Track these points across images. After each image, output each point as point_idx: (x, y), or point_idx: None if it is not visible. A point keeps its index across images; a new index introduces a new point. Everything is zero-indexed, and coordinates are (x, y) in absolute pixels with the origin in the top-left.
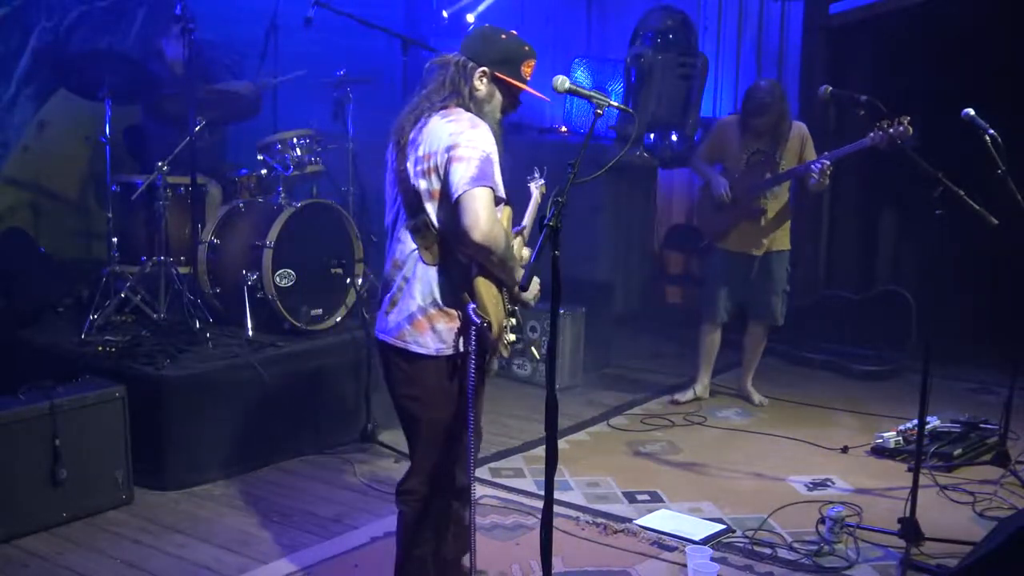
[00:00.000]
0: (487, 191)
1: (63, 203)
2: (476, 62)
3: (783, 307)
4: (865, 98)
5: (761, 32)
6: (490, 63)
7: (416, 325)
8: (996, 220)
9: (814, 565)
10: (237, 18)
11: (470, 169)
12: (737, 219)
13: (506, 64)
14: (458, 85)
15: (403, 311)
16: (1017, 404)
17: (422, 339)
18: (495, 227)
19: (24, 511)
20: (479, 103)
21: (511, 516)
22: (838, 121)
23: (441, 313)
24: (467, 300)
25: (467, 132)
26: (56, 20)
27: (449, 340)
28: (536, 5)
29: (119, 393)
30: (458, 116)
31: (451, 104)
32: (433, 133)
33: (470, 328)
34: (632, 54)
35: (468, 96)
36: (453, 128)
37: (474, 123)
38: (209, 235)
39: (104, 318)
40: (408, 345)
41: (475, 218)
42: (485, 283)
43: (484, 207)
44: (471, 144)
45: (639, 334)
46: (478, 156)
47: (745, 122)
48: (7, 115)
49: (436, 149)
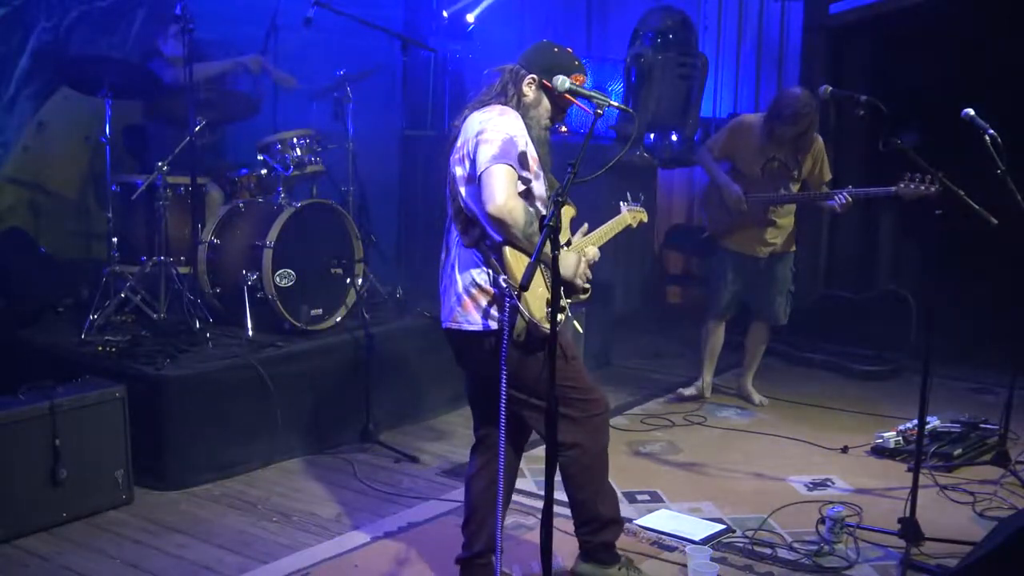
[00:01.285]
0: (506, 167)
1: (63, 203)
2: (527, 69)
3: (787, 307)
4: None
5: (761, 32)
6: (539, 71)
7: (464, 306)
8: (996, 220)
9: (814, 565)
10: (237, 18)
11: (492, 148)
12: (744, 222)
13: (554, 74)
14: (507, 88)
15: (452, 294)
16: (1017, 404)
17: (471, 317)
18: (510, 200)
19: (24, 511)
20: (525, 108)
21: (511, 516)
22: (838, 121)
23: (481, 292)
24: (498, 270)
25: (494, 119)
26: (56, 20)
27: (494, 314)
28: (536, 5)
29: (119, 393)
30: (490, 108)
31: (493, 103)
32: (468, 125)
33: (505, 301)
34: (632, 54)
35: (516, 100)
36: (483, 117)
37: (503, 112)
38: (209, 235)
39: (104, 318)
40: (460, 325)
41: (491, 192)
42: (513, 252)
43: (501, 182)
44: (496, 128)
45: (639, 334)
46: (501, 138)
47: (772, 128)
48: (7, 115)
49: (468, 137)
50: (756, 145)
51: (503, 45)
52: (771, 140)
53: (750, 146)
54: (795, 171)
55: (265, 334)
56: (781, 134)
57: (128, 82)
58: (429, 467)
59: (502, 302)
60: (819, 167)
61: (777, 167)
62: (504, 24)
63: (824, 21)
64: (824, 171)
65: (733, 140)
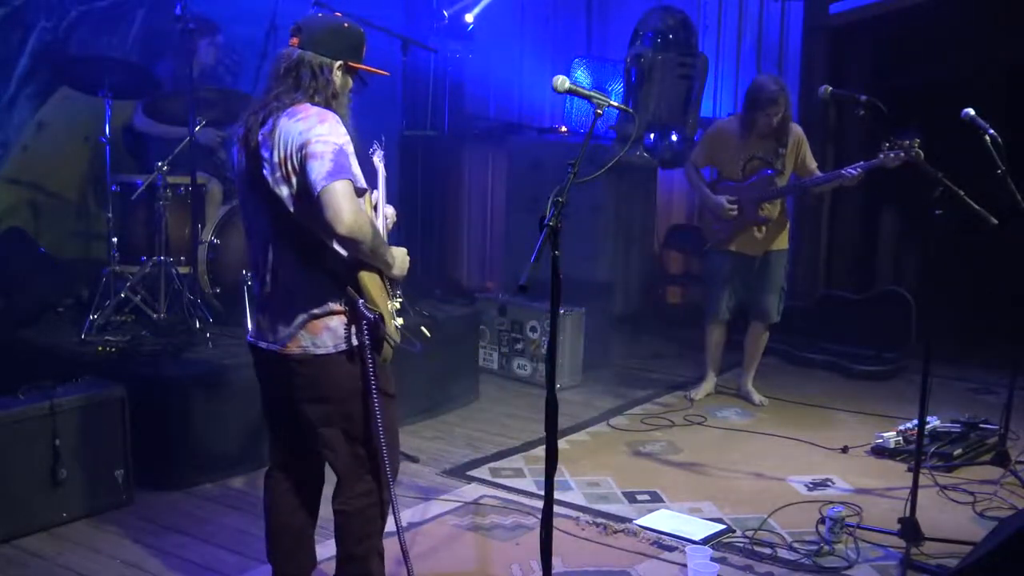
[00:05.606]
0: (345, 183)
1: (63, 203)
2: (328, 55)
3: (780, 305)
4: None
5: (761, 32)
6: (345, 54)
7: (310, 328)
8: (996, 220)
9: (814, 565)
10: (237, 18)
11: (325, 164)
12: (740, 226)
13: (358, 53)
14: (305, 82)
15: (292, 318)
16: (1017, 404)
17: (319, 339)
18: (359, 217)
19: (24, 511)
20: (338, 100)
21: (511, 516)
22: (838, 121)
23: (330, 312)
24: (354, 296)
25: (315, 128)
26: (56, 20)
27: (342, 334)
28: (536, 5)
29: (119, 393)
30: (302, 112)
31: (301, 104)
32: (282, 136)
33: (361, 322)
34: (632, 54)
35: (324, 95)
36: (301, 127)
37: (322, 117)
38: (209, 235)
39: (104, 318)
40: (307, 348)
41: (337, 212)
42: (368, 275)
43: (345, 200)
44: (321, 139)
45: (639, 334)
46: (331, 150)
47: (754, 120)
48: (7, 115)
49: (288, 153)
50: (734, 146)
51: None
52: (751, 135)
53: (728, 148)
54: (777, 164)
55: None
56: (764, 123)
57: (128, 82)
58: (428, 467)
59: (357, 320)
60: (803, 157)
61: (758, 164)
62: (504, 24)
63: (824, 21)
64: (808, 159)
65: (712, 146)
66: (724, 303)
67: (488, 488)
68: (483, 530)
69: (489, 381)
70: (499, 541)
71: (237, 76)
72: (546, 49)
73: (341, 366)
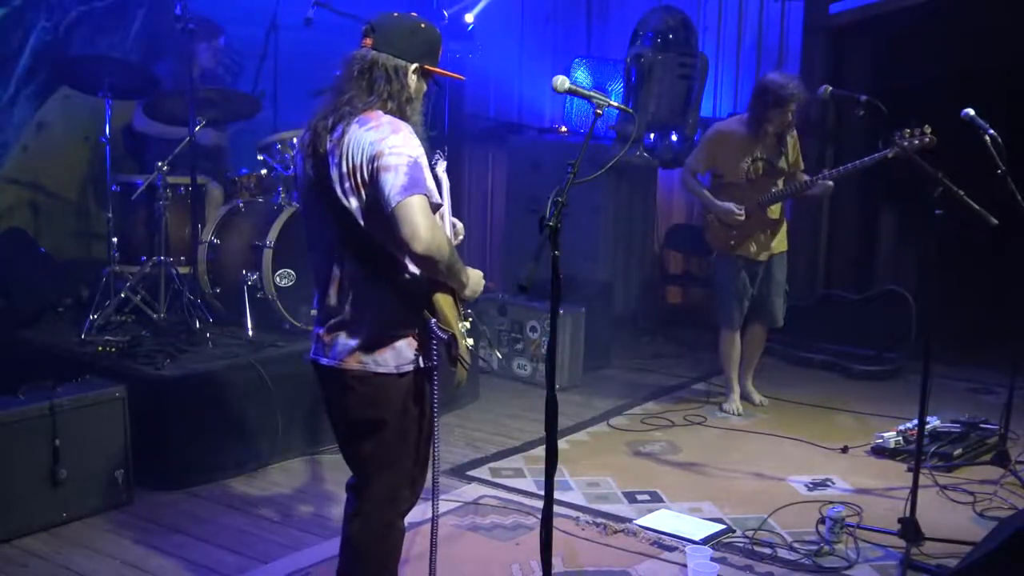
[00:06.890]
0: (420, 198)
1: (63, 203)
2: (404, 58)
3: (784, 307)
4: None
5: (761, 32)
6: (422, 57)
7: (374, 346)
8: (996, 220)
9: (814, 565)
10: (237, 18)
11: (399, 178)
12: (747, 230)
13: (436, 56)
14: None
15: (356, 334)
16: (1017, 404)
17: (381, 358)
18: (436, 234)
19: (24, 511)
20: (412, 107)
21: (511, 516)
22: (838, 121)
23: (399, 333)
24: (428, 316)
25: (388, 138)
26: (56, 20)
27: (409, 356)
28: (536, 5)
29: (119, 393)
30: (375, 120)
31: (373, 111)
32: (353, 145)
33: (431, 343)
34: (632, 54)
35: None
36: (373, 137)
37: (394, 127)
38: (209, 235)
39: (104, 318)
40: (366, 366)
41: (413, 228)
42: (443, 296)
43: (421, 216)
44: (395, 150)
45: (639, 334)
46: (405, 163)
47: (768, 118)
48: (7, 115)
49: (358, 163)
50: (738, 148)
51: (503, 45)
52: (758, 135)
53: (731, 151)
54: (781, 164)
55: (265, 334)
56: (780, 122)
57: (128, 82)
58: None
59: (427, 342)
60: (798, 155)
61: (762, 165)
62: (504, 24)
63: (824, 21)
64: (799, 159)
65: (713, 150)
66: (737, 311)
67: (488, 488)
68: (483, 530)
69: (489, 381)
70: (499, 541)
71: (237, 76)
72: (546, 49)
73: (400, 387)
